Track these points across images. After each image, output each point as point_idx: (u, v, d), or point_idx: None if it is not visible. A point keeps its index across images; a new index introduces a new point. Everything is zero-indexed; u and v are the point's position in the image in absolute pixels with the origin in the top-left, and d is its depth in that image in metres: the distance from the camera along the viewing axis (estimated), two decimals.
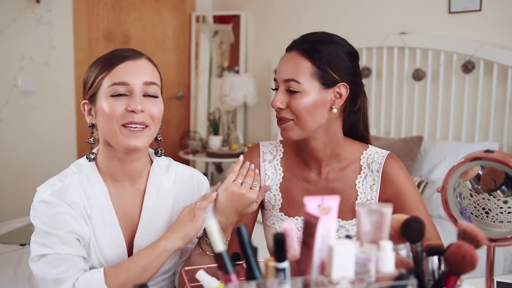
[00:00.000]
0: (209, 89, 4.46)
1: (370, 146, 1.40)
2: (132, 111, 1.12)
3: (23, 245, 2.36)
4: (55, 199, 1.14)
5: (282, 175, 1.41)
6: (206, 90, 4.45)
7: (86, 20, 3.80)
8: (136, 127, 1.13)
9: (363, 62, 3.42)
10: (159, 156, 1.28)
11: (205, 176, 1.37)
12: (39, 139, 3.62)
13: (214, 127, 4.19)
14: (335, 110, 1.31)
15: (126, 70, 1.15)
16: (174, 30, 4.37)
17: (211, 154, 4.03)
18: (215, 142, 4.06)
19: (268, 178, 1.41)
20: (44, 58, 3.60)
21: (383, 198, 1.36)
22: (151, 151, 1.31)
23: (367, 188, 1.36)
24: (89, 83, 1.19)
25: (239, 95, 3.89)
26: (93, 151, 1.25)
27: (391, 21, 3.31)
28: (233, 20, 4.28)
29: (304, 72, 1.26)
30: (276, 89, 1.31)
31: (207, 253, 1.17)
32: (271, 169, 1.42)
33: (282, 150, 1.43)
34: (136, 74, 1.15)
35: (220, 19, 4.41)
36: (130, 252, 1.21)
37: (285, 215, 1.39)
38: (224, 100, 3.95)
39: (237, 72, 4.23)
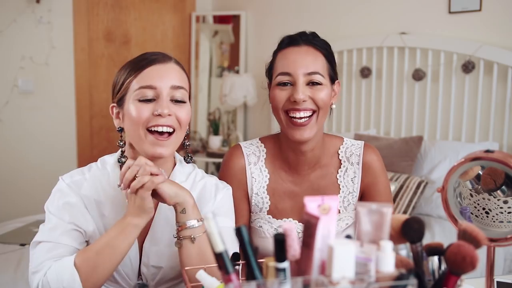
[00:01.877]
0: (209, 89, 4.46)
1: (344, 139, 1.43)
2: (159, 115, 1.11)
3: (23, 245, 2.36)
4: (69, 190, 1.17)
5: (268, 176, 1.39)
6: (206, 90, 4.45)
7: (86, 20, 3.80)
8: (162, 132, 1.12)
9: (363, 62, 3.42)
10: (188, 163, 1.26)
11: (226, 186, 1.30)
12: (39, 139, 3.62)
13: (214, 127, 4.19)
14: (334, 106, 1.35)
15: (154, 74, 1.14)
16: (174, 30, 4.37)
17: (211, 154, 4.03)
18: (215, 142, 4.06)
19: (255, 181, 1.38)
20: (44, 58, 3.60)
21: (362, 186, 1.40)
22: (177, 155, 1.29)
23: (348, 182, 1.39)
24: (117, 86, 1.18)
25: (239, 95, 3.89)
26: (124, 154, 1.22)
27: (391, 21, 3.31)
28: (233, 20, 4.28)
29: (322, 66, 1.29)
30: (287, 83, 1.29)
31: (192, 237, 1.09)
32: (257, 171, 1.39)
33: (265, 151, 1.41)
34: (164, 77, 1.14)
35: (220, 19, 4.41)
36: (141, 256, 1.20)
37: (273, 217, 1.38)
38: (224, 100, 3.95)
39: (237, 72, 4.23)
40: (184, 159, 1.26)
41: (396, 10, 3.30)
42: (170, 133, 1.14)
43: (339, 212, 1.38)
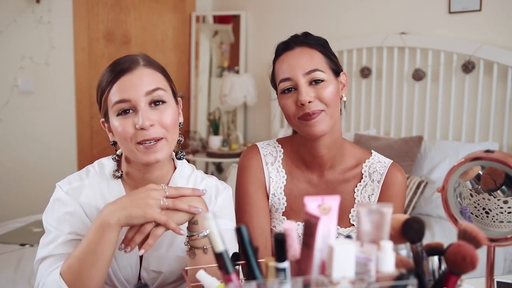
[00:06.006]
0: (209, 89, 4.46)
1: (373, 153, 1.39)
2: (142, 129, 1.08)
3: (23, 245, 2.36)
4: (68, 198, 1.14)
5: (286, 177, 1.37)
6: (206, 90, 4.45)
7: (86, 20, 3.80)
8: (150, 143, 1.09)
9: (363, 62, 3.42)
10: (180, 159, 1.23)
11: (226, 187, 1.27)
12: (38, 139, 3.62)
13: (214, 127, 4.19)
14: (345, 99, 1.33)
15: (125, 85, 1.09)
16: (174, 30, 4.37)
17: (211, 154, 4.03)
18: (215, 142, 4.06)
19: (273, 181, 1.37)
20: (44, 58, 3.60)
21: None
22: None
23: (365, 197, 1.34)
24: (98, 102, 1.16)
25: (239, 95, 3.89)
26: (117, 157, 1.21)
27: (391, 21, 3.31)
28: (233, 20, 4.28)
29: (320, 62, 1.26)
30: (291, 88, 1.26)
31: (204, 247, 1.06)
32: (274, 171, 1.37)
33: (282, 151, 1.40)
34: (135, 87, 1.09)
35: (220, 19, 4.41)
36: (141, 261, 1.19)
37: (287, 219, 1.37)
38: (224, 100, 3.95)
39: (237, 72, 4.23)
40: (176, 154, 1.23)
41: (396, 10, 3.30)
42: (158, 139, 1.11)
43: (353, 225, 1.35)
